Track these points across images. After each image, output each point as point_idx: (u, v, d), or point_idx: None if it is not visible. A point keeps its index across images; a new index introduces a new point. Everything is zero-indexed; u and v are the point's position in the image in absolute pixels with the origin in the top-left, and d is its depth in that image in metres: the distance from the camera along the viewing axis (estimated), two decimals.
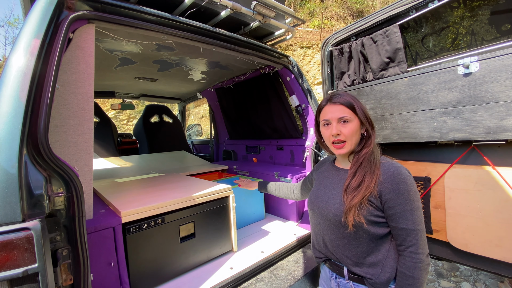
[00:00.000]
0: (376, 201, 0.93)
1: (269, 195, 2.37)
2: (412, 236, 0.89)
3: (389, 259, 0.95)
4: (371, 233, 0.94)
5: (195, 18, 1.55)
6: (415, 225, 0.89)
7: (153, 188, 1.70)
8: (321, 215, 1.06)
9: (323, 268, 1.16)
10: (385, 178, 0.93)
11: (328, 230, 1.04)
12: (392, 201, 0.90)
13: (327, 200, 1.05)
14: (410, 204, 0.90)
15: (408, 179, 0.92)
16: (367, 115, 1.04)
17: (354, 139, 1.02)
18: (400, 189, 0.90)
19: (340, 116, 1.01)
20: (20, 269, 0.71)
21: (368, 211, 0.92)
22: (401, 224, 0.90)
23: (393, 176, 0.92)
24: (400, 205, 0.90)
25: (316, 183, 1.20)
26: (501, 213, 1.22)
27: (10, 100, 0.80)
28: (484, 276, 2.62)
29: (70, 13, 1.05)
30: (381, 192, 0.92)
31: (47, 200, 0.81)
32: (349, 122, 1.01)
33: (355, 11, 11.93)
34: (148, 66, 2.32)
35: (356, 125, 1.01)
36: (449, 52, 1.60)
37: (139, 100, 4.09)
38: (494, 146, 1.27)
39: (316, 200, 1.10)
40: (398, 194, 0.90)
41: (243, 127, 3.16)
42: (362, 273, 0.96)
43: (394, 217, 0.91)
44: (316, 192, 1.14)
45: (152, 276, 1.33)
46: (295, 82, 2.23)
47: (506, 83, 1.15)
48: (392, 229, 0.93)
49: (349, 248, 0.98)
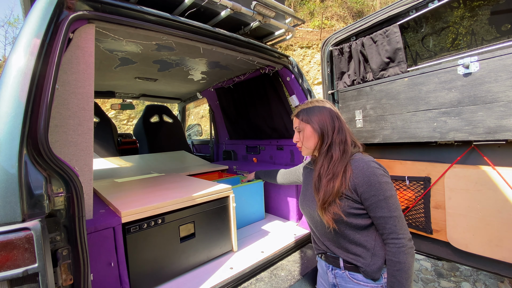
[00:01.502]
0: (352, 195, 1.01)
1: (269, 195, 2.38)
2: (390, 223, 0.96)
3: (377, 248, 1.01)
4: (354, 225, 1.01)
5: (195, 18, 1.55)
6: (391, 212, 0.96)
7: (153, 188, 1.70)
8: (309, 215, 1.17)
9: (320, 263, 1.23)
10: (356, 173, 1.01)
11: (316, 228, 1.16)
12: (366, 193, 0.98)
13: (312, 200, 1.14)
14: (383, 193, 0.96)
15: (377, 171, 0.99)
16: (326, 123, 1.12)
17: (309, 144, 1.15)
18: (371, 181, 0.97)
19: (295, 126, 1.21)
20: (20, 269, 0.71)
21: (346, 205, 1.01)
22: (378, 213, 0.97)
23: (363, 170, 1.00)
24: (374, 196, 0.97)
25: (303, 183, 1.31)
26: (501, 213, 1.22)
27: (10, 100, 0.80)
28: (484, 276, 2.62)
29: (70, 13, 1.05)
30: (355, 186, 1.00)
31: (47, 200, 0.80)
32: (301, 131, 1.17)
33: (355, 11, 11.93)
34: (148, 66, 2.32)
35: (308, 133, 1.14)
36: (449, 52, 1.60)
37: (139, 100, 4.09)
38: (494, 146, 1.27)
39: (304, 201, 1.20)
40: (370, 186, 0.97)
41: (243, 127, 3.16)
42: (354, 261, 1.03)
43: (371, 207, 0.98)
44: (304, 192, 1.24)
45: (152, 276, 1.33)
46: (295, 82, 2.23)
47: (506, 83, 1.15)
48: (372, 219, 1.01)
49: (337, 242, 1.07)
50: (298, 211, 2.17)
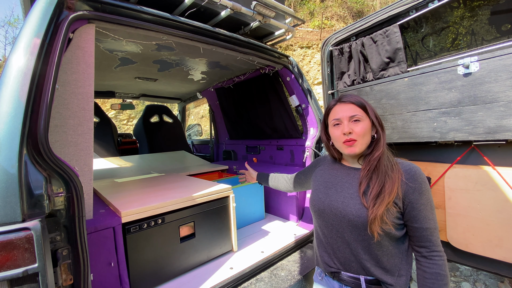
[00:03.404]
0: (399, 202, 0.90)
1: (269, 195, 2.37)
2: (435, 235, 0.89)
3: (403, 262, 0.94)
4: (392, 235, 0.91)
5: (195, 18, 1.55)
6: (436, 224, 0.90)
7: (153, 188, 1.70)
8: (335, 216, 0.99)
9: (328, 283, 1.05)
10: (407, 177, 0.91)
11: (344, 232, 0.97)
12: (416, 201, 0.89)
13: (342, 200, 0.98)
14: (431, 204, 0.91)
15: (426, 178, 0.93)
16: (377, 116, 1.02)
17: (365, 139, 0.98)
18: (422, 188, 0.89)
19: (352, 115, 0.98)
20: (20, 269, 0.71)
21: (394, 215, 0.89)
22: (425, 224, 0.88)
23: (415, 175, 0.91)
24: (423, 205, 0.89)
25: (319, 181, 1.12)
26: (501, 213, 1.22)
27: (10, 100, 0.80)
28: (484, 276, 2.62)
29: (70, 13, 1.05)
30: (405, 193, 0.90)
31: (47, 200, 0.80)
32: (360, 121, 0.97)
33: (355, 11, 11.93)
34: (148, 66, 2.32)
35: (367, 125, 0.98)
36: (449, 52, 1.60)
37: (139, 100, 4.09)
38: (494, 146, 1.27)
39: (328, 199, 1.02)
40: (421, 193, 0.89)
41: (243, 127, 3.16)
42: (380, 276, 0.92)
43: (418, 217, 0.89)
44: (325, 191, 1.05)
45: (152, 276, 1.33)
46: (295, 82, 2.23)
47: (506, 83, 1.15)
48: (414, 230, 0.90)
49: (369, 251, 0.93)
50: (298, 211, 2.17)
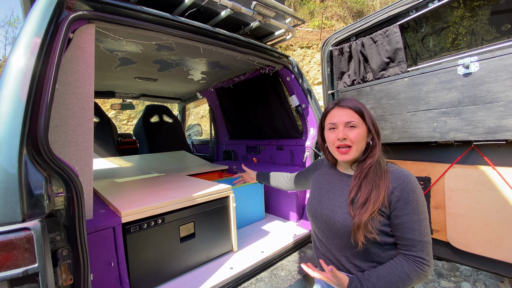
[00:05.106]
0: (386, 210, 0.89)
1: (269, 194, 2.37)
2: (418, 247, 0.86)
3: None
4: (381, 242, 0.90)
5: (195, 18, 1.55)
6: (422, 237, 0.86)
7: (153, 188, 1.70)
8: (325, 223, 1.01)
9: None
10: (394, 186, 0.89)
11: (334, 239, 0.99)
12: (400, 210, 0.87)
13: (332, 208, 1.00)
14: (418, 215, 0.87)
15: (417, 188, 0.90)
16: (374, 123, 1.01)
17: (360, 146, 0.97)
18: (409, 198, 0.87)
19: (348, 121, 0.97)
20: (20, 269, 0.71)
21: (380, 222, 0.89)
22: (407, 235, 0.87)
23: (403, 184, 0.89)
24: (408, 215, 0.87)
25: (315, 186, 1.15)
26: (501, 213, 1.22)
27: (10, 100, 0.80)
28: (484, 276, 2.62)
29: (70, 13, 1.05)
30: (390, 201, 0.89)
31: (47, 200, 0.80)
32: (356, 128, 0.97)
33: (355, 11, 11.93)
34: (148, 66, 2.32)
35: (363, 132, 0.97)
36: (449, 52, 1.60)
37: (139, 100, 4.09)
38: (494, 146, 1.27)
39: (320, 207, 1.05)
40: (407, 203, 0.87)
41: (243, 127, 3.16)
42: None
43: (400, 227, 0.87)
44: (319, 198, 1.08)
45: (152, 276, 1.33)
46: (295, 82, 2.23)
47: (506, 83, 1.15)
48: (398, 238, 0.90)
49: (357, 257, 0.94)
50: (298, 211, 2.17)
